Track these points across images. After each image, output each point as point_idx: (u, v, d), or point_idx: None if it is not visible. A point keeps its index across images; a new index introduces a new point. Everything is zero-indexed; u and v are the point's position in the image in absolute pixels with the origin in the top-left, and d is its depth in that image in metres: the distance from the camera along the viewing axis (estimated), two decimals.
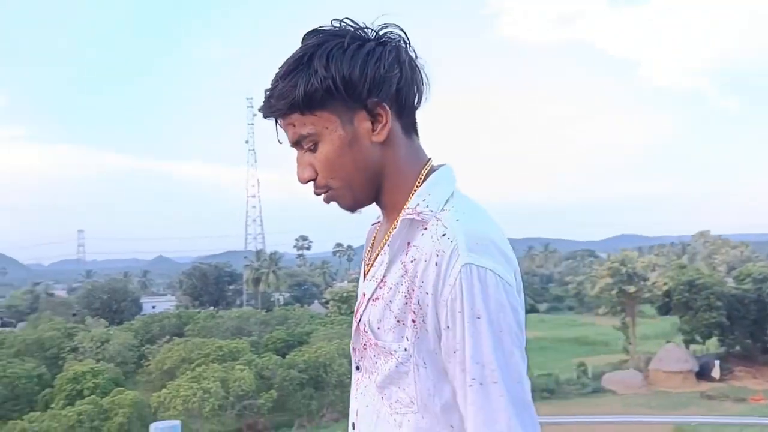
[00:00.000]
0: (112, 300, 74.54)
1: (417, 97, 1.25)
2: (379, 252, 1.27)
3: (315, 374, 38.65)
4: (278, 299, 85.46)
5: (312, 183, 1.25)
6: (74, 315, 69.51)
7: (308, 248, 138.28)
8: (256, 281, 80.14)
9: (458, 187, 1.27)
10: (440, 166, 1.29)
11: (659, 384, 46.57)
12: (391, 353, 1.21)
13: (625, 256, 55.70)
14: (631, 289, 52.91)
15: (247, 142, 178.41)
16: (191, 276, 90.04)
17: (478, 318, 1.12)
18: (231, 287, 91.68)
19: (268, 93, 1.20)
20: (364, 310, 1.26)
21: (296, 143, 1.23)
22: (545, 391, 45.76)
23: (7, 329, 64.86)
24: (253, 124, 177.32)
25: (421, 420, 1.21)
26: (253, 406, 35.03)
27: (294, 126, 1.21)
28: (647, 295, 54.29)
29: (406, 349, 1.20)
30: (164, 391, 34.70)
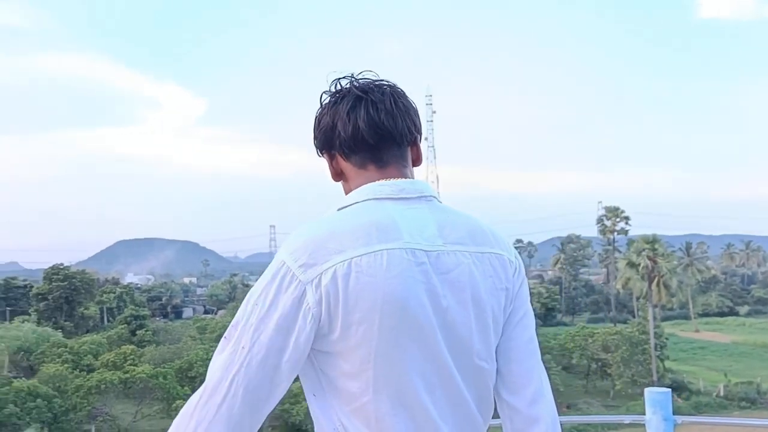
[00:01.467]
0: None
1: (360, 141, 1.53)
2: None
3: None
4: None
5: None
6: None
7: None
8: None
9: (368, 202, 1.50)
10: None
11: None
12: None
13: None
14: None
15: (426, 138, 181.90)
16: None
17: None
18: None
19: None
20: None
21: None
22: (744, 400, 42.31)
23: (209, 316, 70.72)
24: (431, 121, 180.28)
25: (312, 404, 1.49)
26: None
27: None
28: None
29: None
30: None
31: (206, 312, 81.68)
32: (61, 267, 61.50)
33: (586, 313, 77.83)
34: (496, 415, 1.55)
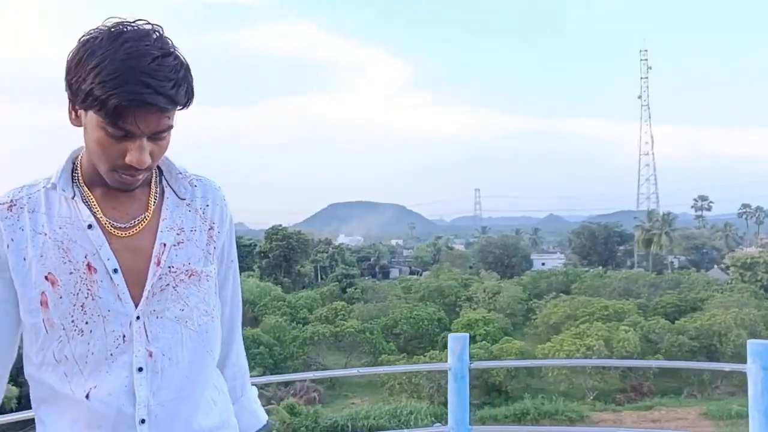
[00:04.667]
0: (504, 255, 78.58)
1: None
2: (151, 209, 1.49)
3: (708, 343, 36.12)
4: (672, 262, 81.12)
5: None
6: (470, 267, 75.10)
7: (708, 209, 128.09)
8: (647, 243, 77.08)
9: None
10: None
11: None
12: (207, 277, 1.52)
13: None
14: None
15: (639, 96, 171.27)
16: (580, 235, 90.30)
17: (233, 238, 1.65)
18: (621, 248, 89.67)
19: (170, 85, 1.31)
20: (167, 257, 1.47)
21: (159, 132, 1.36)
22: None
23: (414, 277, 73.05)
24: (646, 78, 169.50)
25: (214, 323, 1.55)
26: (638, 368, 34.15)
27: (168, 118, 1.35)
28: None
29: (213, 271, 1.55)
30: (548, 344, 35.79)
31: (411, 273, 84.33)
32: (280, 228, 66.61)
33: None
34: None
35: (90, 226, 1.43)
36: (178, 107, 1.36)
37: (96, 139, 1.35)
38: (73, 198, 1.45)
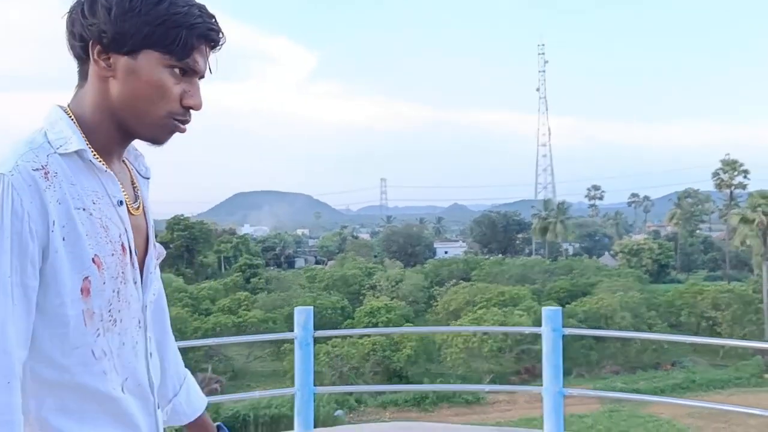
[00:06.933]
0: (408, 244, 79.97)
1: None
2: (136, 187, 1.38)
3: (595, 325, 38.16)
4: (567, 249, 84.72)
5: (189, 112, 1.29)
6: (375, 256, 76.00)
7: (601, 198, 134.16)
8: (544, 231, 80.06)
9: None
10: None
11: None
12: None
13: None
14: None
15: (537, 89, 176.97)
16: (481, 224, 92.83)
17: None
18: (519, 236, 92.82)
19: (214, 23, 1.26)
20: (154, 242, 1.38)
21: (203, 76, 1.29)
22: None
23: (319, 266, 73.31)
24: (544, 71, 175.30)
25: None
26: (531, 351, 35.74)
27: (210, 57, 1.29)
28: None
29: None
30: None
31: (317, 262, 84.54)
32: (182, 218, 65.35)
33: (702, 271, 75.27)
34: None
35: (120, 203, 1.27)
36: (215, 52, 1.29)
37: (154, 81, 1.21)
38: (106, 171, 1.26)
